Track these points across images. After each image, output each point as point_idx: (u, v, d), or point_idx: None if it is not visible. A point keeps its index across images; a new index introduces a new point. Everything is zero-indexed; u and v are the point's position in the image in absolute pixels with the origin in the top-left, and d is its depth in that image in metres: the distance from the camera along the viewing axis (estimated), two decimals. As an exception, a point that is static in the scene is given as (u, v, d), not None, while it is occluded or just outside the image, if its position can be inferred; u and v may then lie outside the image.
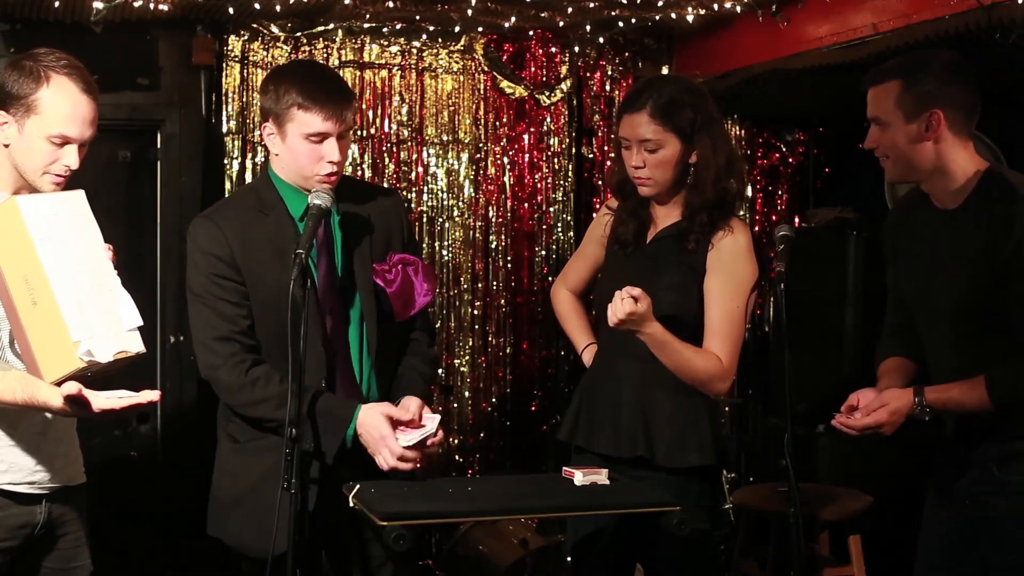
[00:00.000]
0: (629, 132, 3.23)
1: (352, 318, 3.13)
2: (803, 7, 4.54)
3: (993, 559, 2.98)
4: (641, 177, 3.24)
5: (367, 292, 3.12)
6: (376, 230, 3.16)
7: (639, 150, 3.22)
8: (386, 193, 3.36)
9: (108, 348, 2.69)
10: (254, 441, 3.09)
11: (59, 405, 2.63)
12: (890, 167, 3.00)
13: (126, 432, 5.03)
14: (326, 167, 3.03)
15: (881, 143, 2.99)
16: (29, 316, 2.65)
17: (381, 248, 3.16)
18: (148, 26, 4.89)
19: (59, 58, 2.81)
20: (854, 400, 2.99)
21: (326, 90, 3.03)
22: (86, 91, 2.80)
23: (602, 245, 3.47)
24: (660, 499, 2.92)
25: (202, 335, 3.07)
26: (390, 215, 3.22)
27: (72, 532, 2.98)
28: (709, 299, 3.22)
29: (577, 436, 3.33)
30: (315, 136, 3.01)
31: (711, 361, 3.18)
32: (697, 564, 3.28)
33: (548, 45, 5.52)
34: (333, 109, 3.00)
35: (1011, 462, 2.94)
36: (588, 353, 3.50)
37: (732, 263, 3.22)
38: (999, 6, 3.68)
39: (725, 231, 3.24)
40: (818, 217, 5.70)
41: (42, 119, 2.77)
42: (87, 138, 2.82)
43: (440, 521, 2.92)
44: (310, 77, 3.08)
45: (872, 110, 2.99)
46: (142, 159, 5.04)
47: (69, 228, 2.73)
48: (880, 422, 2.93)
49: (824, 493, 4.71)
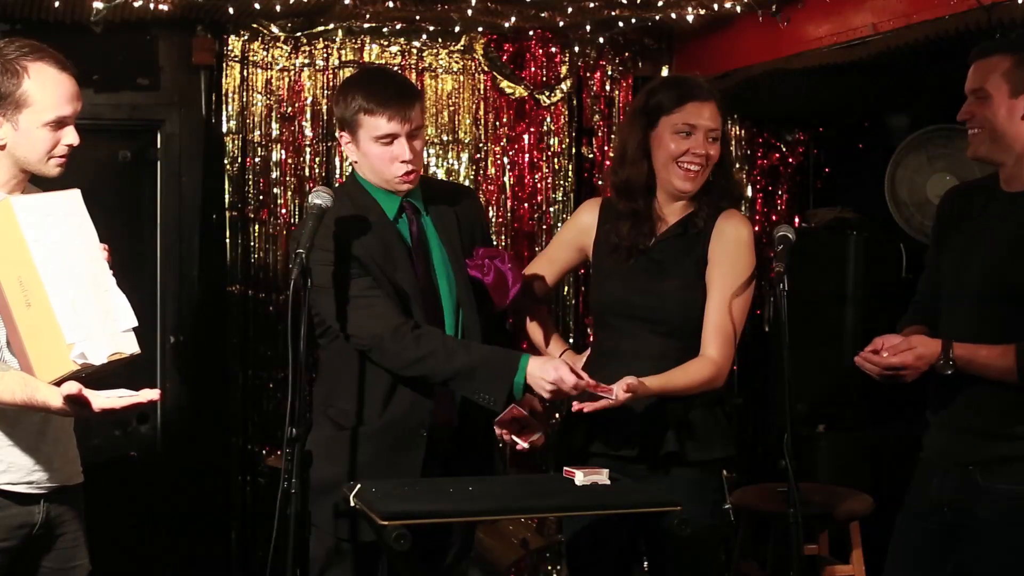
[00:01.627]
0: (697, 119, 3.21)
1: (446, 309, 3.19)
2: (803, 7, 4.54)
3: (974, 567, 2.96)
4: (700, 164, 3.22)
5: (464, 284, 3.20)
6: (462, 227, 3.26)
7: (706, 139, 3.22)
8: (466, 192, 3.59)
9: (102, 350, 2.69)
10: (359, 428, 3.13)
11: (59, 405, 2.62)
12: (978, 141, 2.99)
13: (126, 432, 5.03)
14: (400, 167, 3.11)
15: (976, 115, 2.97)
16: (23, 318, 2.64)
17: (467, 244, 3.25)
18: (148, 26, 4.89)
19: (23, 46, 2.82)
20: (879, 343, 2.95)
21: (388, 92, 3.11)
22: (63, 68, 2.82)
23: (580, 249, 3.44)
24: (660, 499, 2.91)
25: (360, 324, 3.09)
26: (472, 213, 3.34)
27: (70, 532, 2.98)
28: (710, 290, 3.23)
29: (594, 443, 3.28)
30: (384, 138, 3.09)
31: (706, 370, 3.17)
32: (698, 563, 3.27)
33: (548, 45, 5.52)
34: (397, 109, 3.08)
35: (995, 469, 2.93)
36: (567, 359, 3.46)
37: (735, 255, 3.23)
38: (999, 6, 3.68)
39: (728, 223, 3.25)
40: (818, 217, 5.71)
41: (35, 109, 2.78)
42: (78, 111, 2.86)
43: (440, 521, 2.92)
44: (373, 82, 3.19)
45: (975, 82, 2.97)
46: (142, 159, 5.04)
47: (64, 228, 2.72)
48: (905, 363, 2.90)
49: (824, 493, 4.71)
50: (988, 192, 3.07)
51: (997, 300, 2.95)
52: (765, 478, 4.77)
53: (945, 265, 3.12)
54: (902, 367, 2.91)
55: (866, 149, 5.92)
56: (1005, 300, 2.94)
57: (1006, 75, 2.92)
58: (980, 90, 2.96)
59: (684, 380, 3.16)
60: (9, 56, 2.79)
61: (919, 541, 3.08)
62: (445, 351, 3.04)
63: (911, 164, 5.39)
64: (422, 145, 3.19)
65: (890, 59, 4.29)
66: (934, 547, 3.03)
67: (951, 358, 2.90)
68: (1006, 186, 3.01)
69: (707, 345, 3.20)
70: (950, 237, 3.13)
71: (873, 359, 2.93)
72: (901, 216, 5.40)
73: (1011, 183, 3.00)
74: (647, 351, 3.23)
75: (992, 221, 3.01)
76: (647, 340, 3.25)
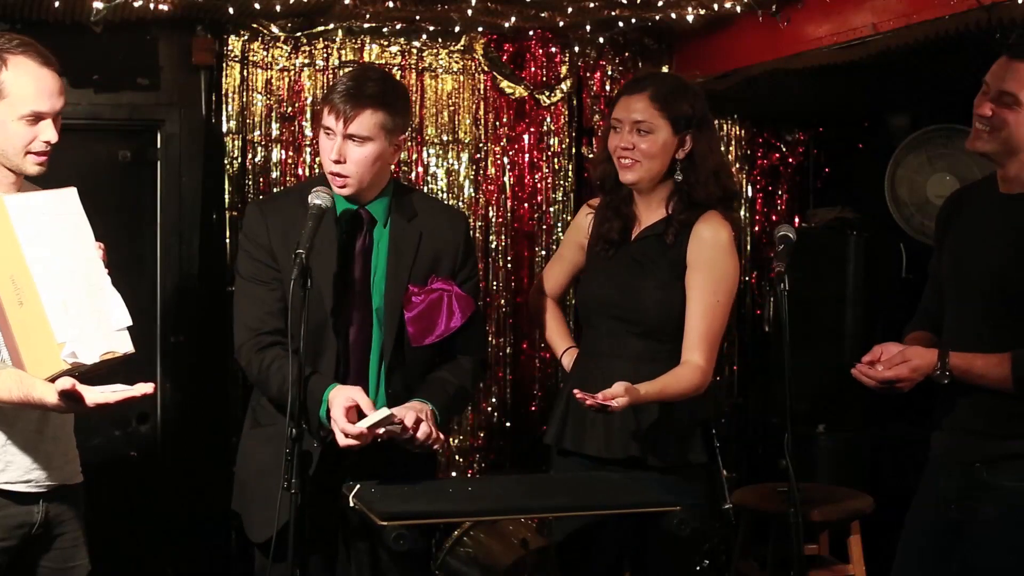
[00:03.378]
0: (624, 113, 3.25)
1: (375, 323, 3.15)
2: (803, 7, 4.54)
3: (977, 562, 2.97)
4: (628, 157, 3.24)
5: (392, 309, 3.13)
6: (423, 251, 3.16)
7: (631, 130, 3.23)
8: (449, 216, 3.33)
9: (94, 349, 2.69)
10: (271, 427, 3.13)
11: (54, 401, 2.63)
12: (986, 139, 2.95)
13: (126, 432, 5.02)
14: (329, 164, 3.08)
15: (997, 116, 2.92)
16: (15, 316, 2.65)
17: (424, 270, 3.16)
18: (148, 26, 4.89)
19: (10, 39, 2.82)
20: (877, 352, 2.95)
21: (343, 88, 3.08)
22: (45, 64, 2.81)
23: (582, 248, 3.46)
24: (660, 499, 2.92)
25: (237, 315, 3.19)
26: (445, 238, 3.20)
27: (70, 531, 2.98)
28: (690, 294, 3.23)
29: (565, 440, 3.32)
30: (326, 130, 3.07)
31: (695, 377, 3.18)
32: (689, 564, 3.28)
33: (548, 45, 5.51)
34: (337, 107, 3.04)
35: (1000, 465, 2.93)
36: (568, 357, 3.50)
37: (713, 258, 3.23)
38: (999, 6, 3.67)
39: (705, 225, 3.24)
40: (818, 217, 5.71)
41: (10, 102, 2.78)
42: (59, 109, 2.84)
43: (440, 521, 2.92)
44: (346, 76, 3.17)
45: (1008, 84, 2.90)
46: (142, 159, 5.04)
47: (58, 227, 2.72)
48: (900, 377, 2.91)
49: (824, 493, 4.72)
50: (986, 194, 3.06)
51: (1000, 307, 2.95)
52: (765, 478, 4.77)
53: (946, 270, 3.12)
54: (897, 380, 2.91)
55: (866, 149, 5.92)
56: (1008, 307, 2.93)
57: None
58: (1010, 95, 2.90)
59: (676, 388, 3.17)
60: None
61: (925, 540, 3.08)
62: (273, 378, 3.05)
63: (911, 164, 5.39)
64: (369, 155, 3.06)
65: (890, 59, 4.29)
66: (939, 545, 3.03)
67: (947, 368, 2.90)
68: (1004, 187, 3.01)
69: (691, 351, 3.20)
70: (950, 241, 3.13)
71: (868, 372, 2.93)
72: (901, 216, 5.40)
73: (1010, 185, 2.99)
74: (625, 352, 3.25)
75: (991, 225, 3.00)
76: (625, 341, 3.26)
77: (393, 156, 3.15)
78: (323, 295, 3.07)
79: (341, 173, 3.06)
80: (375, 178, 3.11)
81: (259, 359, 3.09)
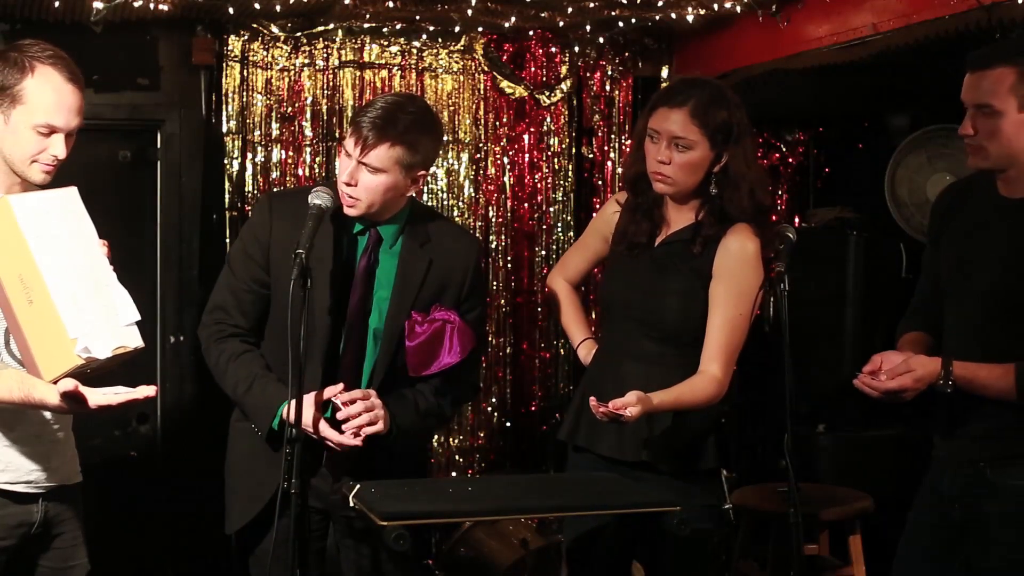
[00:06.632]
0: (662, 125, 3.18)
1: (368, 350, 3.13)
2: (803, 7, 4.54)
3: (979, 561, 2.96)
4: (663, 174, 3.20)
5: (391, 334, 3.11)
6: (430, 278, 3.13)
7: (668, 144, 3.18)
8: (462, 244, 3.24)
9: (106, 344, 2.69)
10: (240, 422, 3.23)
11: (56, 402, 2.63)
12: (984, 155, 2.93)
13: (126, 432, 5.03)
14: (342, 186, 3.06)
15: (982, 130, 2.91)
16: (25, 315, 2.65)
17: (429, 296, 3.13)
18: (148, 26, 4.89)
19: (44, 48, 2.81)
20: (877, 362, 2.93)
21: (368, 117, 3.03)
22: (71, 80, 2.80)
23: (605, 240, 3.43)
24: (660, 499, 2.91)
25: (215, 291, 3.23)
26: (453, 264, 3.16)
27: (69, 531, 2.98)
28: (713, 305, 3.20)
29: (578, 436, 3.32)
30: (346, 155, 3.04)
31: (711, 388, 3.17)
32: (696, 565, 3.28)
33: (548, 45, 5.51)
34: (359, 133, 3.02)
35: (1004, 464, 2.93)
36: (584, 348, 3.47)
37: (740, 270, 3.20)
38: (999, 6, 3.68)
39: (734, 237, 3.21)
40: (818, 217, 5.71)
41: (28, 109, 2.77)
42: (73, 127, 2.82)
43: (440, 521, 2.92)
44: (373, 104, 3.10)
45: (979, 96, 2.89)
46: (142, 159, 5.04)
47: (63, 225, 2.73)
48: (904, 387, 2.89)
49: (824, 493, 4.71)
50: (985, 194, 3.04)
51: (1003, 315, 2.94)
52: (765, 478, 4.77)
53: (945, 273, 3.10)
54: (901, 390, 2.90)
55: (866, 149, 5.92)
56: (1011, 314, 2.93)
57: (1013, 89, 2.85)
58: (987, 106, 2.89)
59: (691, 398, 3.15)
60: (25, 52, 2.80)
61: (928, 539, 3.08)
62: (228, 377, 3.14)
63: (911, 164, 5.39)
64: (379, 185, 3.01)
65: (890, 59, 4.29)
66: (942, 545, 3.03)
67: (951, 378, 2.88)
68: (1005, 190, 2.99)
69: (710, 361, 3.19)
70: (948, 239, 3.12)
71: (871, 383, 2.91)
72: (901, 216, 5.40)
73: (1011, 188, 2.98)
74: (639, 353, 3.23)
75: (992, 230, 2.99)
76: (639, 343, 3.25)
77: (409, 188, 3.08)
78: (316, 303, 3.03)
79: (351, 195, 3.04)
80: (386, 204, 3.07)
81: (218, 349, 3.16)
